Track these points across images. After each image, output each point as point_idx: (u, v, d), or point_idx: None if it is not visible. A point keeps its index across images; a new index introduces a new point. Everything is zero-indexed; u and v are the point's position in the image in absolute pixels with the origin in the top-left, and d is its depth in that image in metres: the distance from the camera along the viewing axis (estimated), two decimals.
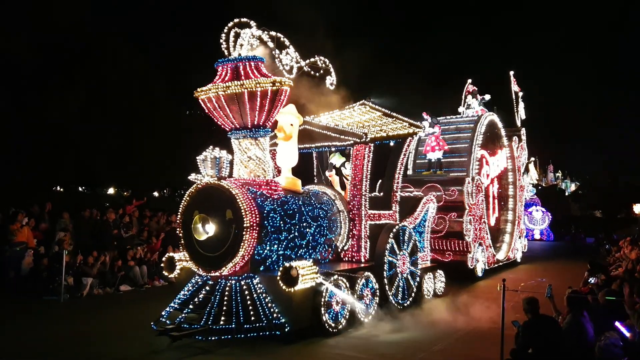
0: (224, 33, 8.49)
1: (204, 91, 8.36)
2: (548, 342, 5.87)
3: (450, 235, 14.31)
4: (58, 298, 10.50)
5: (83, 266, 11.49)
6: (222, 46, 8.51)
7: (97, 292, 11.43)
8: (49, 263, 11.28)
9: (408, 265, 10.44)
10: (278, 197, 8.53)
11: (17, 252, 11.42)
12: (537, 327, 6.00)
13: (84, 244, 12.33)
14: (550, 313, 6.80)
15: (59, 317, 9.51)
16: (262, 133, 8.66)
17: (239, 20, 8.45)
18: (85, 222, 13.21)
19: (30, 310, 9.83)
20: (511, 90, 19.59)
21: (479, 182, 15.02)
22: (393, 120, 11.17)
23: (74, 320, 9.12)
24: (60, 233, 12.41)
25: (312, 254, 9.19)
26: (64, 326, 8.73)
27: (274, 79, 8.37)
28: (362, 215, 9.91)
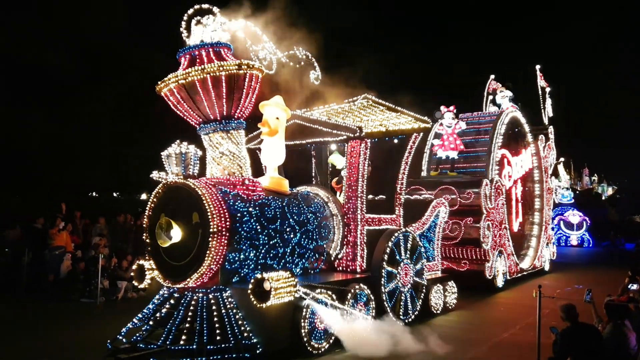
0: (183, 20, 7.60)
1: (164, 83, 7.46)
2: (588, 351, 5.58)
3: (466, 242, 13.06)
4: (94, 301, 10.83)
5: (118, 270, 11.64)
6: (182, 35, 7.63)
7: (131, 296, 11.54)
8: (85, 267, 11.68)
9: (412, 276, 9.29)
10: (257, 199, 7.53)
11: (56, 255, 11.94)
12: (577, 334, 5.76)
13: (118, 248, 12.96)
14: (590, 320, 6.44)
15: (94, 319, 9.59)
16: (235, 125, 7.70)
17: (200, 7, 7.55)
18: (119, 227, 13.90)
19: (69, 312, 10.09)
20: (537, 86, 18.18)
21: (498, 184, 13.73)
22: (397, 115, 10.10)
23: (108, 323, 8.81)
24: (96, 238, 12.95)
25: (298, 262, 8.16)
26: (99, 328, 8.62)
27: (239, 62, 7.41)
28: (358, 219, 8.83)
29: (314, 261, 8.49)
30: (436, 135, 14.84)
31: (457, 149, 13.94)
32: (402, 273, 9.02)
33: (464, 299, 11.52)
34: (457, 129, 13.93)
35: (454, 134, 13.93)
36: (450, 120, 13.92)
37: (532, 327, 7.32)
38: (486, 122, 15.09)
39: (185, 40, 7.80)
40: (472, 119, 15.48)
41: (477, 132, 14.97)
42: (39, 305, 10.59)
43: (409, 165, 10.08)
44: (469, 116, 15.57)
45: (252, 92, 7.80)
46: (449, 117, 13.96)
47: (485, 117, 15.44)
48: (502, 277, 13.62)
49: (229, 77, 7.40)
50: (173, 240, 6.91)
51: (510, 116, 15.25)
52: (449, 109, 14.08)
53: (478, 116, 15.58)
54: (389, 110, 10.21)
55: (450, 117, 13.96)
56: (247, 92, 7.67)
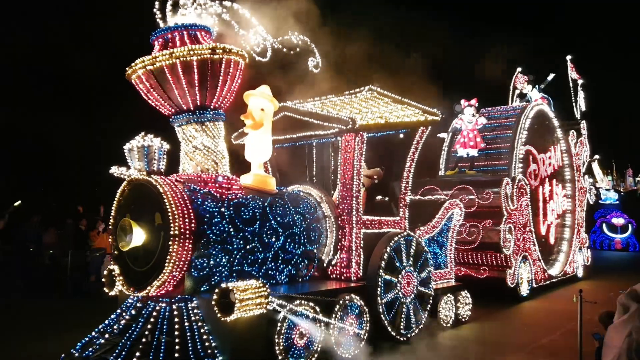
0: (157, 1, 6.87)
1: (132, 69, 6.75)
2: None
3: (486, 246, 11.96)
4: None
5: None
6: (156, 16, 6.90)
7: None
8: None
9: (415, 285, 8.32)
10: (232, 198, 6.73)
11: (97, 257, 12.36)
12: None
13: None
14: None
15: None
16: (210, 116, 6.93)
17: None
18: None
19: (109, 312, 9.77)
20: (568, 78, 16.85)
21: (522, 183, 12.57)
22: (402, 108, 9.17)
23: None
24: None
25: (283, 269, 7.31)
26: None
27: (214, 45, 6.63)
28: (352, 221, 7.92)
29: (302, 268, 7.63)
30: (455, 132, 13.80)
31: (477, 147, 12.85)
32: (403, 282, 8.06)
33: (481, 309, 10.50)
34: (478, 125, 12.83)
35: (474, 130, 12.85)
36: (470, 116, 12.84)
37: (570, 333, 6.27)
38: (509, 116, 13.94)
39: (159, 23, 7.08)
40: (493, 113, 14.35)
41: (499, 127, 13.82)
42: (84, 304, 10.96)
43: (415, 162, 9.10)
44: (490, 110, 14.45)
45: (232, 80, 7.02)
46: (469, 113, 12.89)
47: (508, 111, 14.28)
48: (527, 284, 12.45)
49: (202, 62, 6.64)
50: (134, 243, 6.17)
51: (536, 109, 14.05)
52: (469, 102, 13.01)
53: (500, 110, 14.42)
54: (394, 103, 9.30)
55: (471, 113, 12.88)
56: (224, 79, 6.89)
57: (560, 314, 10.64)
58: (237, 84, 7.25)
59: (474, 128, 12.80)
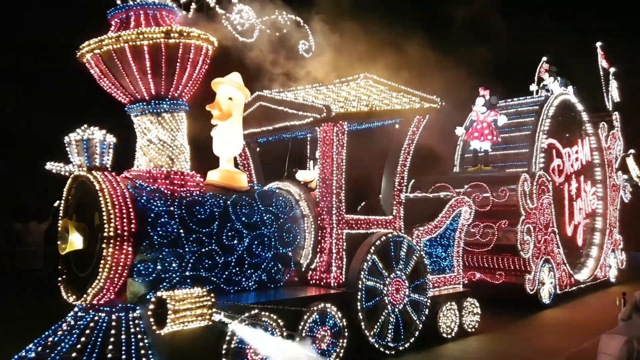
0: None
1: (80, 52, 6.14)
2: None
3: (501, 249, 10.89)
4: None
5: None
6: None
7: None
8: None
9: (406, 292, 7.42)
10: (185, 195, 6.03)
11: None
12: None
13: None
14: None
15: None
16: (167, 107, 6.25)
17: None
18: None
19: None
20: (599, 67, 15.50)
21: (542, 179, 11.44)
22: (397, 95, 8.32)
23: None
24: None
25: (251, 275, 6.56)
26: None
27: (168, 29, 5.95)
28: (333, 220, 7.10)
29: (275, 273, 6.86)
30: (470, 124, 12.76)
31: (486, 139, 11.77)
32: (390, 288, 7.18)
33: (495, 319, 9.50)
34: (491, 117, 11.75)
35: (484, 121, 11.79)
36: (481, 107, 11.78)
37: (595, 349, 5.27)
38: (530, 107, 12.81)
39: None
40: (513, 104, 13.24)
41: (519, 118, 12.71)
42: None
43: (410, 155, 8.21)
44: (509, 101, 13.34)
45: (194, 67, 6.34)
46: (480, 103, 11.84)
47: (529, 102, 13.14)
48: (549, 291, 11.30)
49: (154, 47, 5.98)
50: (73, 246, 5.54)
51: (560, 99, 12.87)
52: (481, 94, 11.98)
53: (520, 101, 13.29)
54: (391, 91, 8.45)
55: (482, 104, 11.83)
56: (183, 66, 6.21)
57: (587, 323, 9.55)
58: (203, 71, 6.58)
59: (484, 120, 11.74)
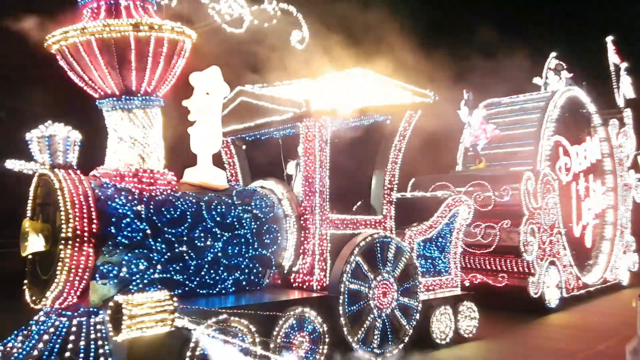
0: None
1: (47, 43, 5.89)
2: None
3: (504, 250, 10.45)
4: None
5: None
6: None
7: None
8: None
9: (395, 295, 7.04)
10: (154, 195, 5.75)
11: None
12: None
13: None
14: None
15: None
16: (139, 103, 5.97)
17: None
18: None
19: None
20: (609, 62, 14.90)
21: (547, 177, 10.96)
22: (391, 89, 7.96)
23: None
24: None
25: (228, 278, 6.26)
26: None
27: (137, 21, 5.68)
28: (316, 220, 6.76)
29: (255, 276, 6.54)
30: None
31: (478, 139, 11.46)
32: (376, 292, 6.81)
33: (496, 323, 9.09)
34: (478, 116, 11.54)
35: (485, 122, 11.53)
36: (463, 107, 11.70)
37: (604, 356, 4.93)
38: (535, 103, 12.33)
39: None
40: (519, 100, 12.78)
41: (524, 115, 12.25)
42: None
43: (402, 151, 7.84)
44: (513, 99, 12.88)
45: (168, 62, 6.06)
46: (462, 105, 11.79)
47: (534, 98, 12.65)
48: (555, 294, 10.81)
49: (123, 40, 5.71)
50: (33, 248, 5.28)
51: (567, 95, 12.37)
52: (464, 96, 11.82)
53: (525, 98, 12.81)
54: (383, 84, 8.10)
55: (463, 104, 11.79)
56: (156, 60, 5.94)
57: (595, 329, 9.12)
58: (181, 66, 6.30)
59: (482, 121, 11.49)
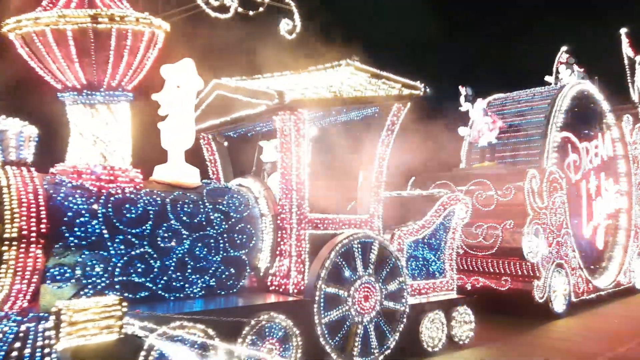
0: None
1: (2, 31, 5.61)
2: None
3: (507, 252, 9.92)
4: None
5: None
6: None
7: None
8: None
9: (378, 299, 6.62)
10: (113, 193, 5.43)
11: None
12: None
13: None
14: None
15: None
16: (102, 98, 5.67)
17: None
18: None
19: None
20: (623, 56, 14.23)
21: (554, 175, 10.40)
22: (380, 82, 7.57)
23: None
24: None
25: (196, 280, 5.91)
26: None
27: (95, 12, 5.38)
28: (293, 220, 6.38)
29: (227, 278, 6.18)
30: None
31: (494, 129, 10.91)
32: (357, 296, 6.40)
33: (496, 329, 8.63)
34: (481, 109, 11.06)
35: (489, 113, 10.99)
36: (465, 104, 11.27)
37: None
38: (543, 98, 11.76)
39: None
40: (525, 95, 12.22)
41: (531, 111, 11.69)
42: None
43: (389, 147, 7.41)
44: (520, 93, 12.33)
45: (133, 54, 5.76)
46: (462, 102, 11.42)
47: (542, 92, 12.07)
48: (563, 298, 10.24)
49: (81, 32, 5.41)
50: None
51: (577, 89, 11.78)
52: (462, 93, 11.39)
53: (533, 92, 12.24)
54: (372, 77, 7.70)
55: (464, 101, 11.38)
56: (119, 53, 5.63)
57: (613, 331, 8.61)
58: (149, 58, 6.00)
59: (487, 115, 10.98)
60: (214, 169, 7.85)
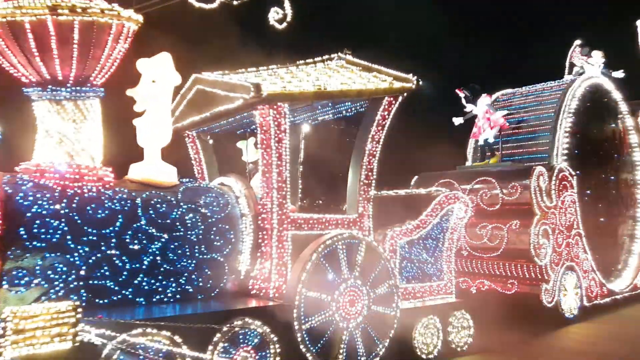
0: None
1: None
2: None
3: (513, 254, 9.43)
4: None
5: None
6: None
7: None
8: None
9: (365, 304, 6.24)
10: (79, 193, 5.18)
11: None
12: None
13: None
14: None
15: None
16: (68, 93, 5.44)
17: None
18: None
19: None
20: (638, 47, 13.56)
21: (564, 173, 9.90)
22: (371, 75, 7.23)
23: None
24: None
25: (169, 284, 5.63)
26: None
27: (54, 3, 5.14)
28: (273, 220, 6.06)
29: (204, 282, 5.88)
30: None
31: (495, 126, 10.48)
32: (342, 300, 6.04)
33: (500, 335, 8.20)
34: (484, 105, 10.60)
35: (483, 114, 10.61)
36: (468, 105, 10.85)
37: None
38: (553, 92, 11.24)
39: None
40: (534, 90, 11.72)
41: (539, 106, 11.18)
42: None
43: (380, 143, 7.04)
44: (529, 88, 11.83)
45: (100, 48, 5.51)
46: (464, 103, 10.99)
47: (552, 87, 11.55)
48: (575, 303, 9.71)
49: (40, 24, 5.18)
50: None
51: (590, 82, 11.22)
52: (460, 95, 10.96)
53: (543, 87, 11.72)
54: (364, 71, 7.37)
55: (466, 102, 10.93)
56: (85, 47, 5.39)
57: (620, 342, 8.09)
58: (119, 53, 5.76)
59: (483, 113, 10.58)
60: (198, 168, 7.58)
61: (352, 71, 7.32)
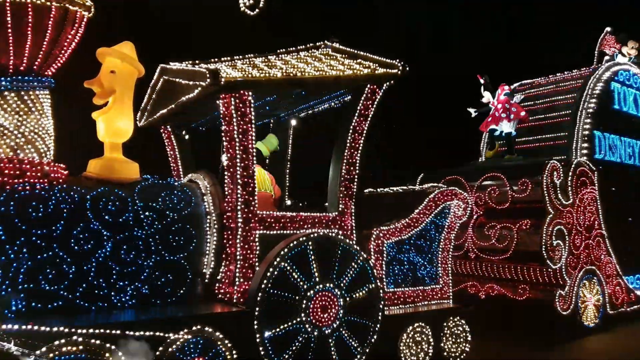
0: None
1: None
2: None
3: (524, 257, 8.68)
4: None
5: None
6: None
7: None
8: None
9: (339, 310, 5.69)
10: (19, 189, 4.84)
11: None
12: None
13: None
14: None
15: None
16: (8, 83, 5.11)
17: None
18: None
19: None
20: None
21: (582, 168, 9.08)
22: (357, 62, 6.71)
23: None
24: None
25: (124, 288, 5.24)
26: None
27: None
28: (238, 219, 5.59)
29: (164, 285, 5.47)
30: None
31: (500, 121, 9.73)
32: (313, 306, 5.51)
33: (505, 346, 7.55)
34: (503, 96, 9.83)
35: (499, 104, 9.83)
36: (485, 93, 10.04)
37: None
38: (573, 82, 10.41)
39: None
40: (553, 80, 10.90)
41: (559, 95, 10.38)
42: None
43: (363, 135, 6.48)
44: (548, 78, 11.02)
45: (40, 34, 5.12)
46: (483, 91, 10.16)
47: (574, 76, 10.70)
48: (596, 310, 8.88)
49: None
50: None
51: (613, 70, 10.34)
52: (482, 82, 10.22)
53: (564, 76, 10.88)
54: (349, 58, 6.87)
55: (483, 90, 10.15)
56: (23, 32, 5.04)
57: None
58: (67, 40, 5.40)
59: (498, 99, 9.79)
60: (174, 164, 7.21)
61: (336, 59, 6.83)
